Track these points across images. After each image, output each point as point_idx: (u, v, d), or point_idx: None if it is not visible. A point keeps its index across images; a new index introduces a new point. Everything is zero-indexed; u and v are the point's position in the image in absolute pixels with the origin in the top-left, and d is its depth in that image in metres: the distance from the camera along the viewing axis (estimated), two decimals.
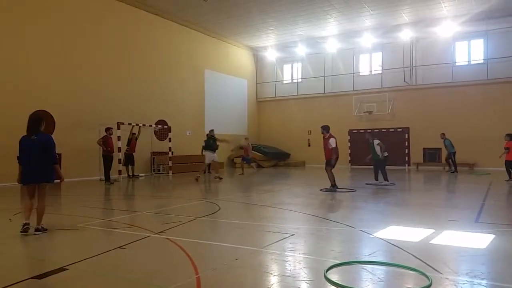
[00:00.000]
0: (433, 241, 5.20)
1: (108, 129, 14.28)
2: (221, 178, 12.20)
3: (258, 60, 26.37)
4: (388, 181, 12.51)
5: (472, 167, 19.17)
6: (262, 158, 22.96)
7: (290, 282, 3.72)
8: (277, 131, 25.15)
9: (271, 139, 25.17)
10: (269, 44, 24.50)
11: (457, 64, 20.54)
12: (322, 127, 11.29)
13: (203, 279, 3.75)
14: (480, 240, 5.20)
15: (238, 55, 24.99)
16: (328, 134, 11.16)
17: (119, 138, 15.36)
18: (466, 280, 3.68)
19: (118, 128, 15.37)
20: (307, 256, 4.62)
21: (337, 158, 11.18)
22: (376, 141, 12.68)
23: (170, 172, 17.80)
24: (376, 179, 12.76)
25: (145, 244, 5.23)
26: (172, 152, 18.08)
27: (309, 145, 23.84)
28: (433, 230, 5.76)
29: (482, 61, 19.87)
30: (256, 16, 19.47)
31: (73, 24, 15.40)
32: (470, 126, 19.41)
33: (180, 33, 20.25)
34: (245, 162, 18.39)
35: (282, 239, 5.34)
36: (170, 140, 17.92)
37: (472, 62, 20.34)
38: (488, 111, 19.08)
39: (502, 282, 3.69)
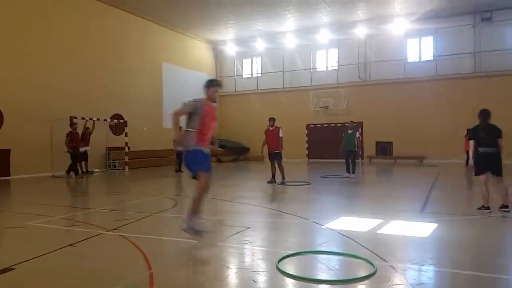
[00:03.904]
0: (380, 231, 5.47)
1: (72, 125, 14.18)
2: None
3: (217, 54, 26.23)
4: (354, 173, 12.95)
5: (422, 159, 20.12)
6: (221, 152, 22.97)
7: (244, 274, 3.81)
8: (238, 126, 25.18)
9: (232, 134, 25.16)
10: (229, 38, 24.42)
11: (408, 60, 21.42)
12: (272, 119, 11.64)
13: (156, 274, 3.75)
14: (424, 229, 5.51)
15: (197, 49, 24.73)
16: (275, 126, 11.59)
17: None
18: (409, 267, 3.92)
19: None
20: (262, 248, 4.72)
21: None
22: (357, 133, 13.20)
23: (127, 167, 17.43)
24: (349, 171, 12.96)
25: (97, 241, 5.14)
26: (129, 147, 17.69)
27: None
28: (381, 220, 6.04)
29: (431, 58, 20.83)
30: (214, 10, 19.31)
31: (23, 15, 14.63)
32: (420, 120, 20.33)
33: (136, 25, 19.76)
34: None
35: (238, 233, 5.41)
36: (126, 134, 17.51)
37: (423, 59, 21.29)
38: (437, 106, 20.05)
39: (443, 268, 3.96)
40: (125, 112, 18.24)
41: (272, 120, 11.63)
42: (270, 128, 11.64)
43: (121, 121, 17.72)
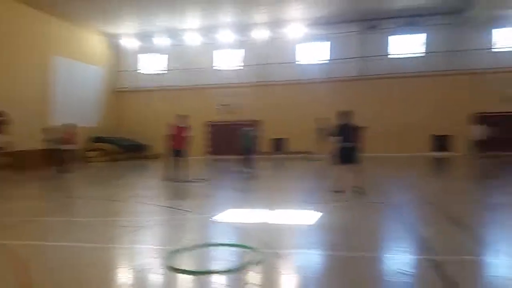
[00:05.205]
0: (269, 221, 5.80)
1: None
2: None
3: (117, 49, 24.89)
4: (251, 169, 13.18)
5: (307, 154, 21.42)
6: (116, 150, 21.95)
7: (131, 273, 3.76)
8: (137, 123, 24.20)
9: (130, 131, 24.17)
10: (129, 32, 23.29)
11: (303, 63, 22.73)
12: (183, 116, 11.58)
13: (35, 281, 3.52)
14: (308, 217, 5.98)
15: (93, 42, 23.16)
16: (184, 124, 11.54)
17: None
18: (292, 252, 4.25)
19: None
20: (152, 247, 4.71)
21: None
22: (254, 131, 13.87)
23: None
24: (246, 167, 13.18)
25: None
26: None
27: None
28: (270, 211, 6.41)
29: (323, 61, 22.38)
30: (112, 1, 18.28)
31: None
32: (310, 119, 21.58)
33: (21, 14, 17.80)
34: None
35: (130, 233, 5.31)
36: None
37: (316, 62, 22.74)
38: (327, 105, 21.50)
39: (322, 251, 4.39)
40: (7, 108, 16.36)
41: (183, 117, 11.56)
42: (179, 125, 11.52)
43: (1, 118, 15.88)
